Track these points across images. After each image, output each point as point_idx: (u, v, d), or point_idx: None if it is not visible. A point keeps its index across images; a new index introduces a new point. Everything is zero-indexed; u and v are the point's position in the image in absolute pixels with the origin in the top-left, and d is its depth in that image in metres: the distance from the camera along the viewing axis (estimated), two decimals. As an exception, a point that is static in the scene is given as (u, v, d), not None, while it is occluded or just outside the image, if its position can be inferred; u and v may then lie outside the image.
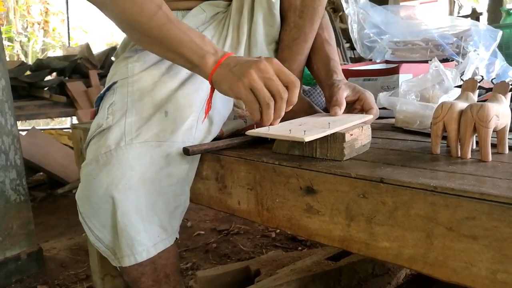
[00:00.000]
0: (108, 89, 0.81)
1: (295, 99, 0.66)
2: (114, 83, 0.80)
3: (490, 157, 0.59)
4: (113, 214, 0.70)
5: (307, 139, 0.59)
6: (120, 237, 0.70)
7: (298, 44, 0.88)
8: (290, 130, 0.64)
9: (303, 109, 0.87)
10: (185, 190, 0.78)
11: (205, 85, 0.83)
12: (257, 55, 0.90)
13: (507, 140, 0.64)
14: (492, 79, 0.87)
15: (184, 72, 0.81)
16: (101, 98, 0.81)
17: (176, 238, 0.77)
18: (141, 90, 0.77)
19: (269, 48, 0.92)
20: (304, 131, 0.61)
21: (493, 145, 0.68)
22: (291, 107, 0.67)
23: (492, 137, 0.59)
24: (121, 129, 0.72)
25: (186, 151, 0.71)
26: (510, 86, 0.68)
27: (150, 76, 0.79)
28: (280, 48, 0.90)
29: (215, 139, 0.86)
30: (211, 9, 0.90)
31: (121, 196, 0.68)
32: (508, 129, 0.64)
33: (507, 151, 0.64)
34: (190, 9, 0.89)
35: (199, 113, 0.78)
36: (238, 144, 0.79)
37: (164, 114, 0.74)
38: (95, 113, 0.82)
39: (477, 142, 0.65)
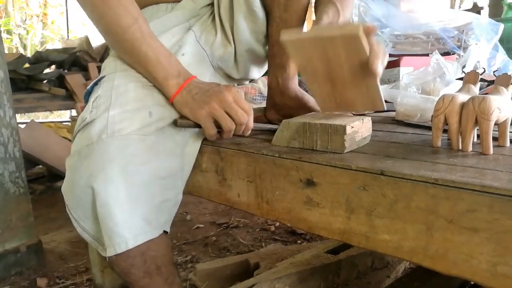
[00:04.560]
0: (96, 83, 0.80)
1: (251, 124, 0.75)
2: (102, 77, 0.80)
3: (491, 150, 0.59)
4: (94, 205, 0.70)
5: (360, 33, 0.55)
6: (101, 228, 0.70)
7: None
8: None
9: (299, 104, 0.86)
10: (177, 184, 0.77)
11: None
12: (247, 52, 0.90)
13: (508, 133, 0.64)
14: (494, 72, 0.86)
15: None
16: (89, 93, 0.81)
17: (166, 232, 0.77)
18: (126, 84, 0.76)
19: (258, 44, 0.90)
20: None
21: (495, 138, 0.68)
22: (249, 132, 0.76)
23: (493, 130, 0.59)
24: (104, 122, 0.71)
25: (175, 122, 0.75)
26: None
27: (136, 71, 0.78)
28: (270, 44, 0.88)
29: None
30: (201, 0, 0.89)
31: (100, 188, 0.68)
32: (509, 122, 0.63)
33: (508, 144, 0.64)
34: (179, 0, 0.88)
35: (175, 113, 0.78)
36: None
37: (148, 114, 0.74)
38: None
39: (478, 135, 0.65)
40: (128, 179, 0.70)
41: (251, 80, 1.08)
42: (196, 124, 0.74)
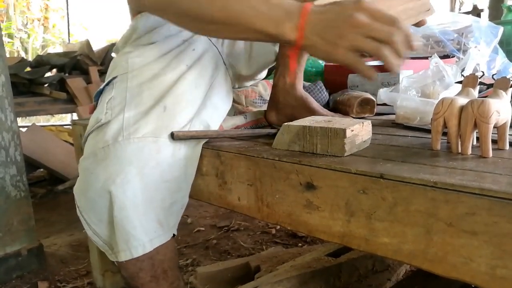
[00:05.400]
0: (108, 84, 0.80)
1: (407, 31, 0.58)
2: (114, 78, 0.80)
3: (490, 153, 0.59)
4: (110, 208, 0.70)
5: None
6: (116, 232, 0.70)
7: None
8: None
9: (303, 105, 0.87)
10: (182, 187, 0.77)
11: (204, 81, 0.82)
12: (261, 47, 0.90)
13: (507, 136, 0.64)
14: (493, 75, 0.87)
15: (184, 65, 0.81)
16: (100, 93, 0.81)
17: (174, 235, 0.77)
18: (140, 84, 0.76)
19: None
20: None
21: (494, 141, 0.68)
22: (411, 44, 0.59)
23: (492, 133, 0.59)
24: (120, 124, 0.71)
25: (172, 135, 0.72)
26: (511, 82, 0.68)
27: (150, 70, 0.78)
28: (281, 44, 0.89)
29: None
30: None
31: (118, 191, 0.68)
32: (508, 125, 0.63)
33: (507, 147, 0.64)
34: None
35: (196, 109, 0.78)
36: (231, 136, 0.80)
37: (163, 109, 0.74)
38: (94, 108, 0.82)
39: (477, 138, 0.65)
40: (144, 182, 0.70)
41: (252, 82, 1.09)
42: (195, 136, 0.74)
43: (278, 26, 0.62)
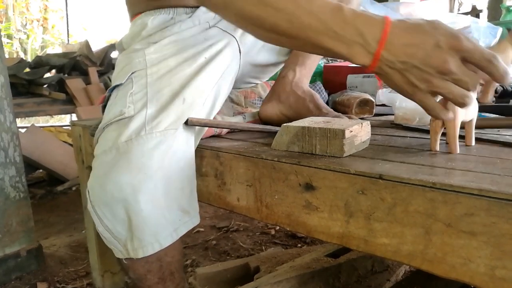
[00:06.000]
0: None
1: (500, 71, 0.51)
2: (132, 73, 0.79)
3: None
4: (129, 203, 0.68)
5: None
6: (137, 227, 0.70)
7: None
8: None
9: (310, 98, 0.88)
10: (194, 171, 0.77)
11: (217, 72, 0.83)
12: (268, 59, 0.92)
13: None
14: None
15: (203, 58, 0.81)
16: (113, 88, 0.81)
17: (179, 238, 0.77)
18: (160, 80, 0.77)
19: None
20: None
21: (492, 141, 0.68)
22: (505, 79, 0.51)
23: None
24: (142, 119, 0.72)
25: (186, 121, 0.73)
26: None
27: (168, 66, 0.79)
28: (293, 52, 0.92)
29: (214, 136, 0.87)
30: None
31: (141, 185, 0.68)
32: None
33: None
34: (198, 6, 0.88)
35: (206, 98, 0.79)
36: (242, 128, 0.82)
37: (182, 101, 0.75)
38: (105, 99, 0.82)
39: (477, 139, 0.66)
40: (164, 174, 0.70)
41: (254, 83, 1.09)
42: (208, 124, 0.75)
43: (349, 48, 0.55)
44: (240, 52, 0.91)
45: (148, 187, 0.69)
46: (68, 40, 6.44)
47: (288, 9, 0.57)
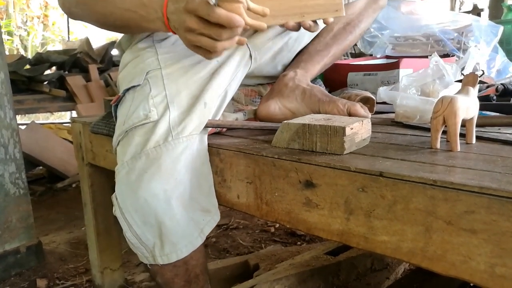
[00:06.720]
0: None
1: (237, 22, 0.64)
2: (147, 73, 0.79)
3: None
4: (163, 209, 0.69)
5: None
6: (170, 231, 0.71)
7: (319, 55, 0.95)
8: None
9: (317, 87, 0.87)
10: (210, 168, 0.78)
11: (228, 75, 0.83)
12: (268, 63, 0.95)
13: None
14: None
15: (215, 60, 0.81)
16: (127, 89, 0.80)
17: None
18: (177, 82, 0.77)
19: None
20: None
21: (493, 139, 0.68)
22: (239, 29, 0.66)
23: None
24: (167, 123, 0.72)
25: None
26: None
27: (182, 68, 0.79)
28: (302, 52, 0.95)
29: (214, 133, 0.86)
30: None
31: (174, 190, 0.69)
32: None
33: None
34: None
35: (219, 96, 0.80)
36: (255, 127, 0.83)
37: (203, 105, 0.75)
38: (119, 99, 0.82)
39: (477, 137, 0.66)
40: (190, 177, 0.72)
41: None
42: (220, 125, 0.79)
43: (154, 23, 0.73)
44: (251, 58, 0.90)
45: (180, 192, 0.70)
46: (68, 37, 6.43)
47: (108, 9, 0.77)
